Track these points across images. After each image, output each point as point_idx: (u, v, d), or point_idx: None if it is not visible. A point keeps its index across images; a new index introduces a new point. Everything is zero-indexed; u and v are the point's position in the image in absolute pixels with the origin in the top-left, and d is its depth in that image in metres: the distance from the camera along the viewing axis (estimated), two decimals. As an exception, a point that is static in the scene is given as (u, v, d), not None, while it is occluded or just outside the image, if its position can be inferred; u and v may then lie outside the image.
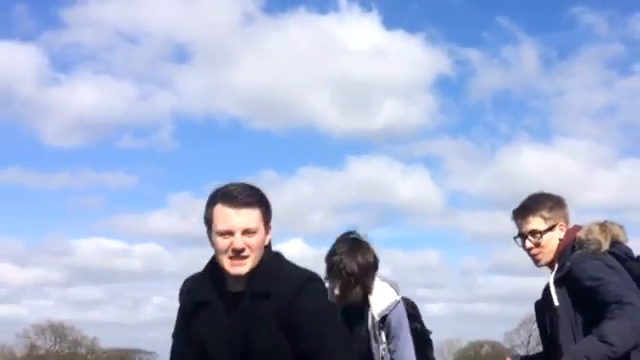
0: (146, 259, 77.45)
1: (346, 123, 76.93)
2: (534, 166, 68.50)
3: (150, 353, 62.64)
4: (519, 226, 3.56)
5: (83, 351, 60.95)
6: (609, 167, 78.56)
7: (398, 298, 3.91)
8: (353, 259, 3.75)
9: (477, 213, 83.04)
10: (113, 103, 72.91)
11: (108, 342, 62.49)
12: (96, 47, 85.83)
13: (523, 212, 3.55)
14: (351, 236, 3.89)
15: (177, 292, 2.74)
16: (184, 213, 76.83)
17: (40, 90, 74.59)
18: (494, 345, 60.60)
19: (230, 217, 2.52)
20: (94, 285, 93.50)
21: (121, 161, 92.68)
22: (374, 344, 3.85)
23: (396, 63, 69.92)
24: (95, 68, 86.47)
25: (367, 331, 3.86)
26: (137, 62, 79.93)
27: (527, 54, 75.38)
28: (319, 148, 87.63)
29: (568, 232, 3.48)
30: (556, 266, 3.41)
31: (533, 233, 3.49)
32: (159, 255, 79.57)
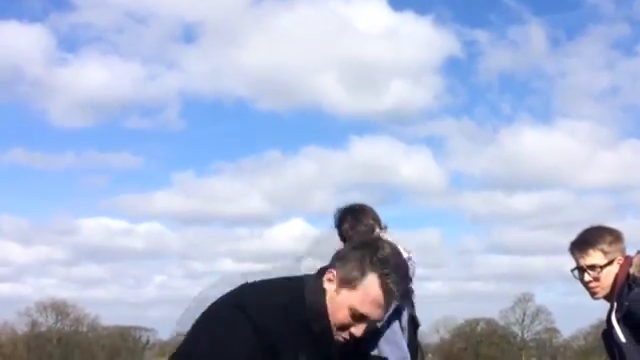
0: (149, 238, 78.11)
1: (353, 104, 77.52)
2: (535, 147, 69.21)
3: (150, 330, 63.54)
4: (578, 259, 3.52)
5: (84, 329, 61.67)
6: (610, 148, 79.02)
7: (410, 255, 4.16)
8: (359, 224, 4.05)
9: (478, 193, 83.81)
10: (121, 83, 73.33)
11: (110, 320, 63.22)
12: (104, 28, 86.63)
13: (583, 246, 3.51)
14: (350, 205, 4.18)
15: (180, 271, 2.61)
16: (188, 192, 77.58)
17: (47, 70, 74.96)
18: (489, 322, 61.39)
19: None
20: (97, 264, 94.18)
21: (128, 141, 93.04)
22: None
23: (405, 44, 70.31)
24: (103, 48, 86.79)
25: None
26: (145, 42, 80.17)
27: (533, 35, 75.63)
28: (324, 128, 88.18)
29: (621, 266, 3.45)
30: (615, 304, 3.41)
31: (592, 267, 3.46)
32: (162, 234, 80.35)
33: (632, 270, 3.41)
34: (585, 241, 3.52)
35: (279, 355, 2.10)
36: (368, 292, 2.15)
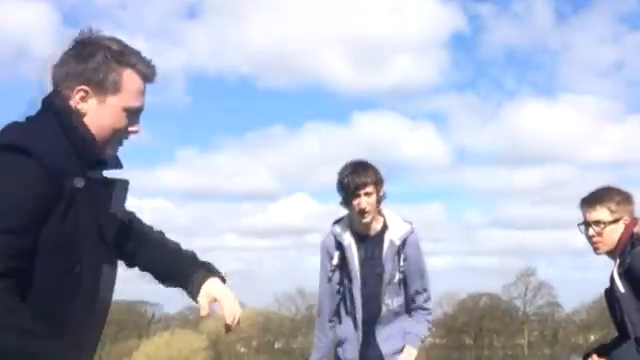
0: (154, 214, 78.26)
1: (357, 80, 77.25)
2: (540, 121, 69.16)
3: (155, 304, 64.07)
4: (585, 214, 3.67)
5: (91, 304, 62.02)
6: (615, 123, 78.84)
7: (414, 227, 4.27)
8: (356, 175, 4.10)
9: (481, 168, 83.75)
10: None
11: (116, 294, 63.03)
12: (107, 4, 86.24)
13: (592, 201, 3.66)
14: (352, 160, 4.22)
15: (185, 247, 2.62)
16: (192, 168, 77.80)
17: (52, 47, 74.53)
18: (492, 297, 61.73)
19: None
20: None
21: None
22: (389, 265, 4.17)
23: (411, 20, 70.05)
24: (107, 24, 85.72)
25: (381, 254, 4.18)
26: (149, 18, 79.80)
27: (538, 8, 75.22)
28: (328, 104, 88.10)
29: (627, 226, 3.58)
30: (618, 260, 3.55)
31: (597, 223, 3.60)
32: (167, 210, 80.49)
33: (636, 229, 3.55)
34: (594, 197, 3.68)
35: (65, 177, 2.06)
36: (132, 87, 2.23)
